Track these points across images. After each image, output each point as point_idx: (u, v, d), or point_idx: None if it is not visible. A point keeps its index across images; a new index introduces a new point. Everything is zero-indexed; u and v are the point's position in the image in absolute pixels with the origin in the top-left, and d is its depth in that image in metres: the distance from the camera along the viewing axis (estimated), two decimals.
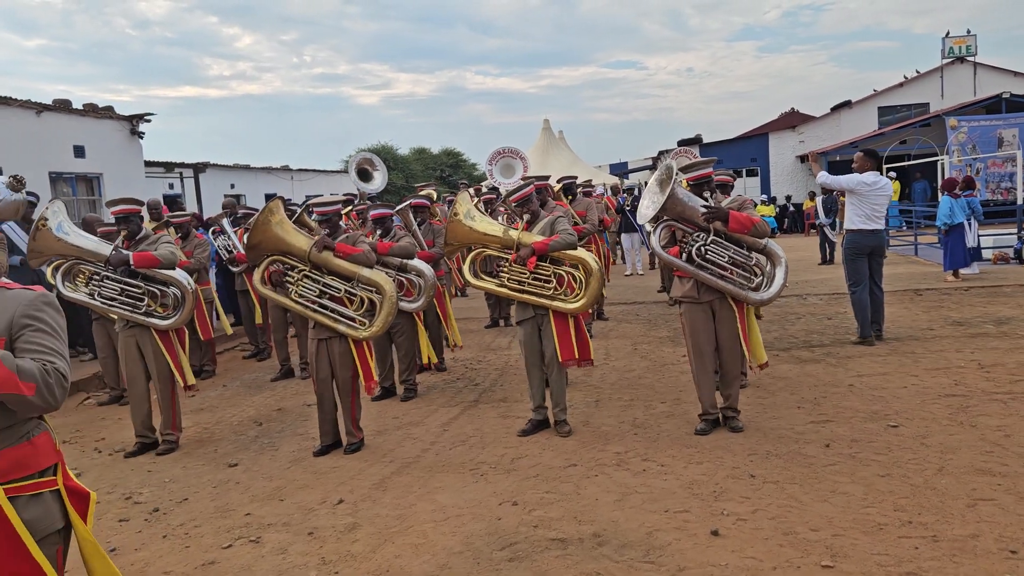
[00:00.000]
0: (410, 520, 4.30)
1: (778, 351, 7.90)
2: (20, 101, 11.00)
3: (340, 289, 5.43)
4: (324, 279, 5.45)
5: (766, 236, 5.34)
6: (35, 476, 2.24)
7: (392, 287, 5.49)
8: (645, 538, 3.85)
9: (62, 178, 11.89)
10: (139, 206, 6.01)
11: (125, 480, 5.37)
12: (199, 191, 17.28)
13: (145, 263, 5.72)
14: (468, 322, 11.00)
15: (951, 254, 11.91)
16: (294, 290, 5.48)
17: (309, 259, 5.42)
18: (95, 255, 5.81)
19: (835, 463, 4.69)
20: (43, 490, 2.24)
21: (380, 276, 5.50)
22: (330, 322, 5.44)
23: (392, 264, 6.78)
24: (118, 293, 5.80)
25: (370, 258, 5.49)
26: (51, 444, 2.33)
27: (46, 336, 2.21)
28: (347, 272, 5.44)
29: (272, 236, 5.39)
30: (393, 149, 38.44)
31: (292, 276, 5.51)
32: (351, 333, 5.42)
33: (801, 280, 13.27)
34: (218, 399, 7.65)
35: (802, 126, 29.73)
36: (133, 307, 5.80)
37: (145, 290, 5.81)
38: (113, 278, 5.81)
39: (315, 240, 5.43)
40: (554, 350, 5.49)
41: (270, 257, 5.52)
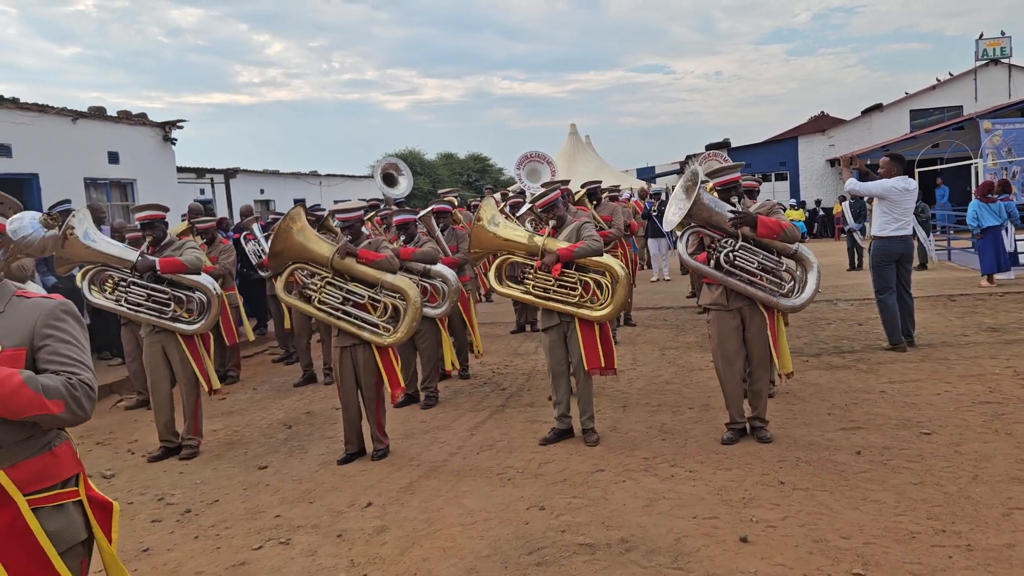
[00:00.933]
0: (438, 523, 4.31)
1: (808, 357, 7.83)
2: (56, 109, 11.22)
3: (363, 295, 5.42)
4: (347, 286, 5.43)
5: (796, 241, 5.24)
6: (57, 487, 2.21)
7: (416, 292, 5.46)
8: (673, 544, 3.84)
9: (96, 184, 12.11)
10: (164, 212, 6.06)
11: (157, 481, 5.44)
12: (230, 196, 17.50)
13: (172, 269, 5.77)
14: (494, 327, 11.03)
15: (986, 258, 11.72)
16: (317, 297, 5.46)
17: (332, 266, 5.40)
18: (121, 261, 5.86)
19: (866, 470, 4.63)
20: (66, 501, 2.21)
21: (404, 281, 5.47)
22: (354, 329, 5.40)
23: (415, 270, 6.77)
24: (144, 299, 5.85)
25: (393, 264, 5.46)
26: (72, 454, 2.30)
27: (69, 347, 2.19)
28: (370, 278, 5.41)
29: (294, 243, 5.40)
30: (420, 154, 38.65)
31: (315, 283, 5.49)
32: (375, 340, 5.38)
33: (831, 285, 13.14)
34: (248, 402, 7.73)
35: (832, 130, 29.44)
36: (159, 312, 5.84)
37: (171, 295, 5.85)
38: (140, 284, 5.85)
39: (337, 246, 5.43)
40: (580, 358, 5.43)
41: (292, 264, 5.53)
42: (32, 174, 10.66)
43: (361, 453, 5.63)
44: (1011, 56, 27.51)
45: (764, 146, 30.47)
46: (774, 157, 29.23)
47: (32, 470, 2.14)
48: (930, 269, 14.41)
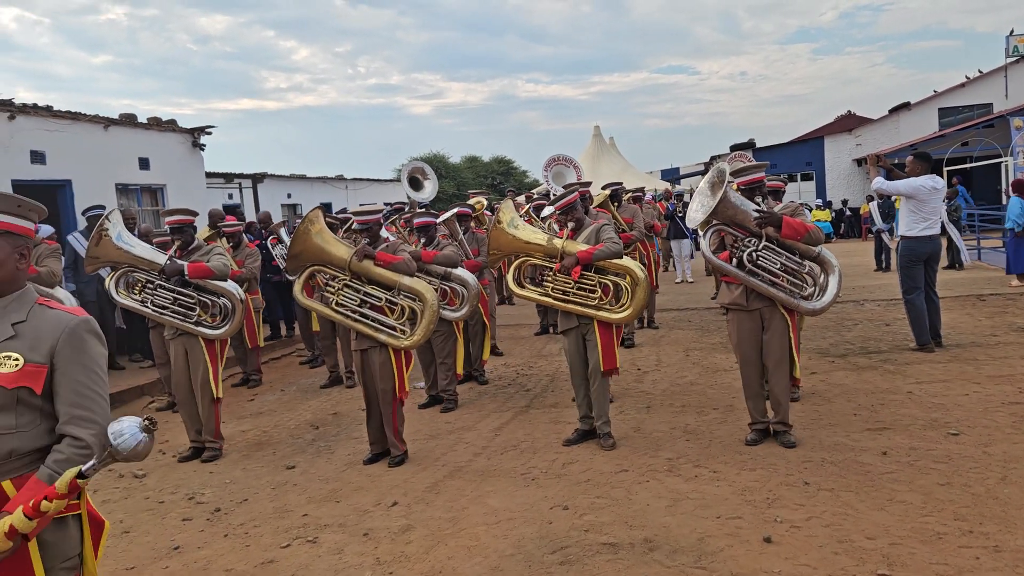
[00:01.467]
0: (462, 523, 4.36)
1: (834, 357, 7.78)
2: (89, 116, 11.44)
3: (381, 298, 5.41)
4: (365, 288, 5.43)
5: (820, 243, 5.17)
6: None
7: (433, 295, 5.47)
8: (697, 544, 3.84)
9: (128, 189, 12.32)
10: (193, 216, 6.13)
11: (188, 481, 5.54)
12: (257, 201, 17.72)
13: (199, 274, 5.84)
14: (518, 328, 11.07)
15: (1018, 257, 11.55)
16: (335, 299, 5.48)
17: (349, 268, 5.40)
18: (151, 264, 5.94)
19: (892, 471, 4.61)
20: (67, 514, 2.20)
21: (421, 284, 5.48)
22: (371, 331, 5.41)
23: (436, 272, 6.77)
24: (171, 302, 5.92)
25: (410, 266, 5.46)
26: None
27: (87, 373, 2.19)
28: (388, 281, 5.41)
29: (313, 246, 5.42)
30: (445, 158, 38.89)
31: (333, 286, 5.51)
32: (392, 342, 5.38)
33: (858, 286, 13.02)
34: (276, 403, 7.83)
35: (859, 129, 29.15)
36: (184, 316, 5.91)
37: (197, 300, 5.92)
38: (166, 287, 5.93)
39: (355, 249, 5.44)
40: (598, 360, 5.42)
41: (311, 266, 5.56)
42: (65, 180, 10.87)
43: (387, 453, 5.65)
44: None
45: (790, 146, 30.24)
46: (800, 157, 29.00)
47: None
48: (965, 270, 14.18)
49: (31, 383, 2.12)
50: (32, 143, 10.41)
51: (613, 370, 5.47)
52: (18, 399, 2.12)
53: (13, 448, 2.12)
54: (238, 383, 8.73)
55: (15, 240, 2.25)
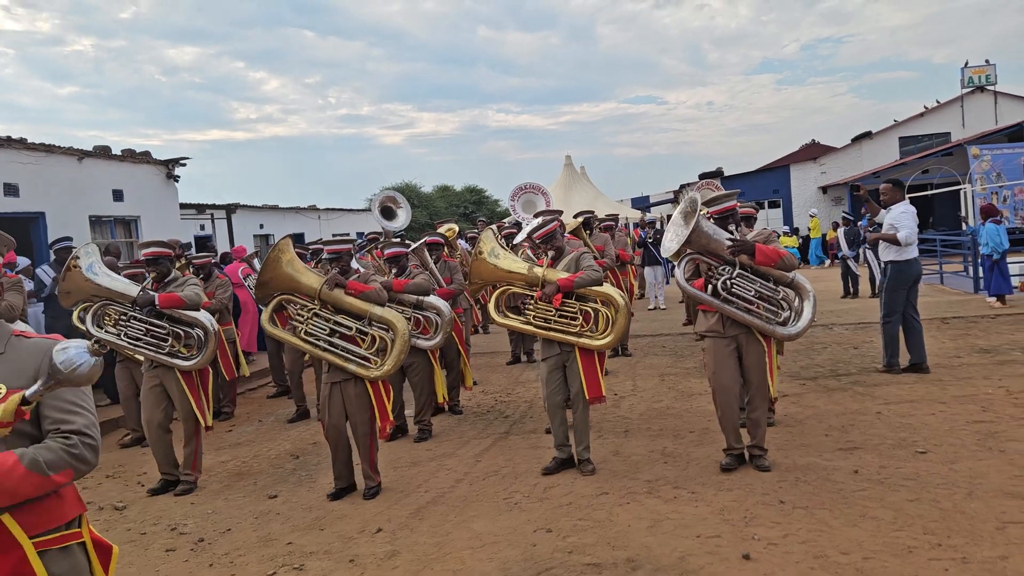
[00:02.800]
0: (447, 547, 4.42)
1: (805, 380, 7.96)
2: (63, 148, 11.42)
3: (351, 327, 5.38)
4: (335, 317, 5.41)
5: (793, 269, 5.25)
6: (62, 528, 2.20)
7: (404, 325, 5.46)
8: (678, 562, 3.95)
9: (102, 221, 12.28)
10: (170, 249, 6.14)
11: (169, 512, 5.53)
12: (231, 231, 17.69)
13: (170, 304, 5.82)
14: (494, 356, 11.15)
15: (1000, 280, 11.86)
16: (303, 328, 5.45)
17: (320, 297, 5.39)
18: (123, 296, 5.91)
19: (864, 488, 4.75)
20: (71, 543, 2.21)
21: (391, 314, 5.47)
22: (341, 361, 5.37)
23: (408, 301, 6.76)
24: (143, 333, 5.87)
25: (381, 296, 5.45)
26: (76, 495, 2.29)
27: (71, 391, 2.17)
28: (358, 310, 5.40)
29: (282, 274, 5.42)
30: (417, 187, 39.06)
31: (302, 315, 5.48)
32: (362, 372, 5.34)
33: (827, 310, 13.28)
34: (254, 434, 7.83)
35: (823, 157, 29.84)
36: (157, 347, 5.87)
37: (170, 331, 5.87)
38: (139, 318, 5.89)
39: (326, 278, 5.43)
40: (580, 387, 5.45)
41: (279, 295, 5.55)
42: (39, 213, 10.82)
43: (352, 488, 5.59)
44: (996, 83, 28.01)
45: (757, 174, 30.85)
46: (767, 185, 29.58)
47: (39, 512, 2.13)
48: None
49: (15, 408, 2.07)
50: (5, 175, 10.37)
51: (598, 398, 5.48)
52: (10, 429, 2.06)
53: None
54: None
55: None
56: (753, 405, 5.34)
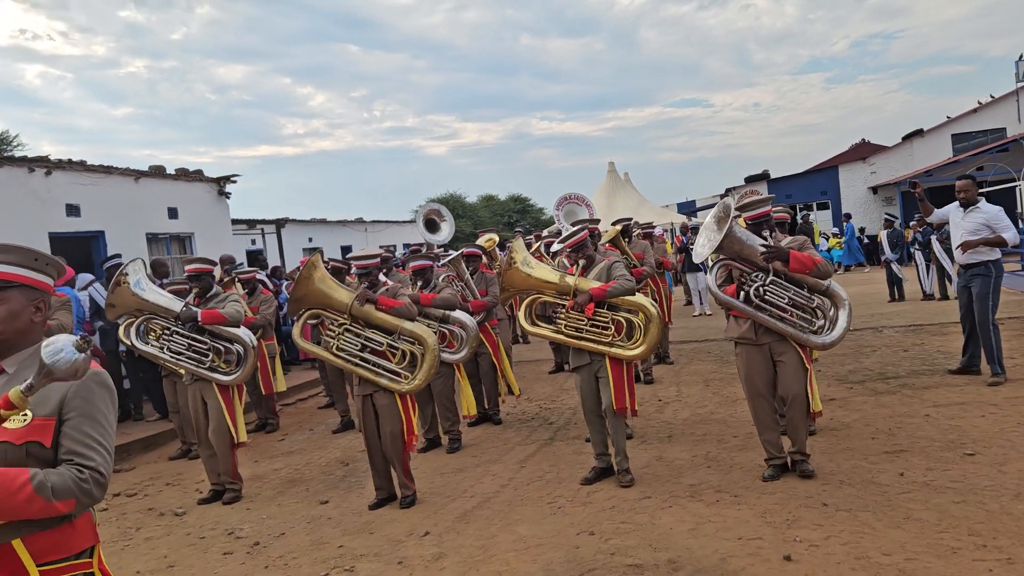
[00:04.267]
0: (493, 550, 4.53)
1: (852, 384, 7.89)
2: (120, 169, 11.88)
3: (382, 342, 5.44)
4: (365, 332, 5.48)
5: (828, 277, 5.16)
6: (71, 558, 2.18)
7: (434, 339, 5.50)
8: (719, 564, 3.99)
9: (158, 238, 12.72)
10: (212, 265, 6.31)
11: (226, 518, 5.75)
12: (281, 245, 18.12)
13: (212, 320, 5.98)
14: (538, 364, 11.24)
15: None
16: (335, 344, 5.51)
17: (351, 312, 5.45)
18: (167, 311, 6.11)
19: (909, 491, 4.73)
20: (78, 572, 2.18)
21: (422, 329, 5.51)
22: (371, 375, 5.43)
23: (434, 316, 6.77)
24: (185, 348, 6.05)
25: (412, 311, 5.51)
26: (91, 525, 2.27)
27: (93, 424, 2.16)
28: (388, 325, 5.46)
29: (314, 290, 5.48)
30: (462, 197, 39.43)
31: (333, 330, 5.54)
32: (393, 387, 5.40)
33: (876, 313, 13.11)
34: (306, 442, 8.05)
35: (873, 157, 29.30)
36: (198, 362, 6.03)
37: (211, 346, 6.04)
38: (182, 333, 6.06)
39: (357, 293, 5.48)
40: (610, 398, 5.39)
41: (310, 310, 5.63)
42: (99, 231, 11.28)
43: (393, 497, 5.67)
44: None
45: (804, 176, 30.44)
46: (815, 186, 29.18)
47: (48, 541, 2.12)
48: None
49: (40, 437, 2.10)
50: (67, 197, 10.84)
51: (624, 410, 5.42)
52: (28, 453, 2.10)
53: None
54: (253, 429, 8.76)
55: (31, 294, 2.26)
56: (792, 412, 5.21)
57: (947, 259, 13.24)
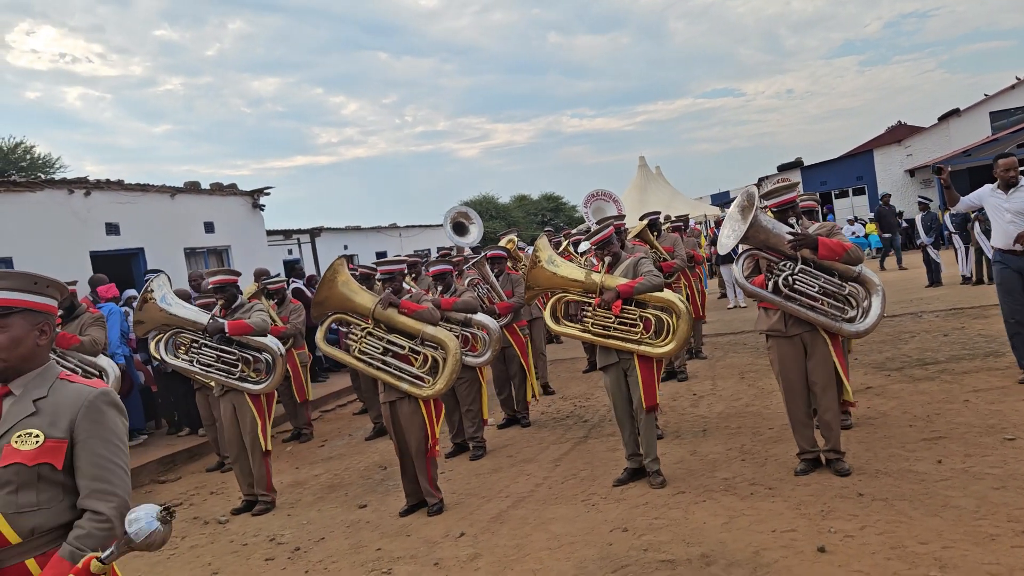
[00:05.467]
0: (527, 549, 4.57)
1: (890, 371, 7.78)
2: (156, 187, 12.17)
3: (404, 347, 5.44)
4: (388, 336, 5.49)
5: (860, 262, 5.01)
6: None
7: (456, 344, 5.47)
8: (752, 557, 3.99)
9: (195, 253, 12.99)
10: (235, 276, 6.33)
11: (268, 524, 5.87)
12: (316, 254, 18.36)
13: (239, 331, 6.03)
14: (573, 362, 11.25)
15: None
16: (357, 347, 5.52)
17: (373, 316, 5.46)
18: (194, 324, 6.17)
19: (947, 478, 4.67)
20: None
21: (444, 333, 5.50)
22: (393, 380, 5.42)
23: (456, 319, 6.73)
24: (214, 360, 6.11)
25: (434, 315, 5.50)
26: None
27: (106, 445, 2.18)
28: (411, 329, 5.46)
29: (337, 294, 5.51)
30: (494, 198, 39.45)
31: (355, 334, 5.55)
32: (414, 391, 5.38)
33: (915, 298, 12.89)
34: (345, 448, 8.17)
35: (909, 139, 28.75)
36: (228, 373, 6.09)
37: (239, 356, 6.09)
38: (210, 345, 6.12)
39: (380, 297, 5.50)
40: (640, 397, 5.32)
41: (333, 314, 5.66)
42: (138, 248, 11.56)
43: (423, 505, 5.65)
44: None
45: (839, 162, 29.99)
46: (850, 172, 28.74)
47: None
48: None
49: (52, 459, 2.12)
50: (107, 216, 11.12)
51: (654, 407, 5.40)
52: (39, 475, 2.12)
53: (36, 525, 2.12)
54: (288, 438, 8.88)
55: (34, 317, 2.27)
56: (824, 407, 5.10)
57: (986, 242, 12.92)
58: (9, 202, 9.76)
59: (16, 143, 26.74)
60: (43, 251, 9.72)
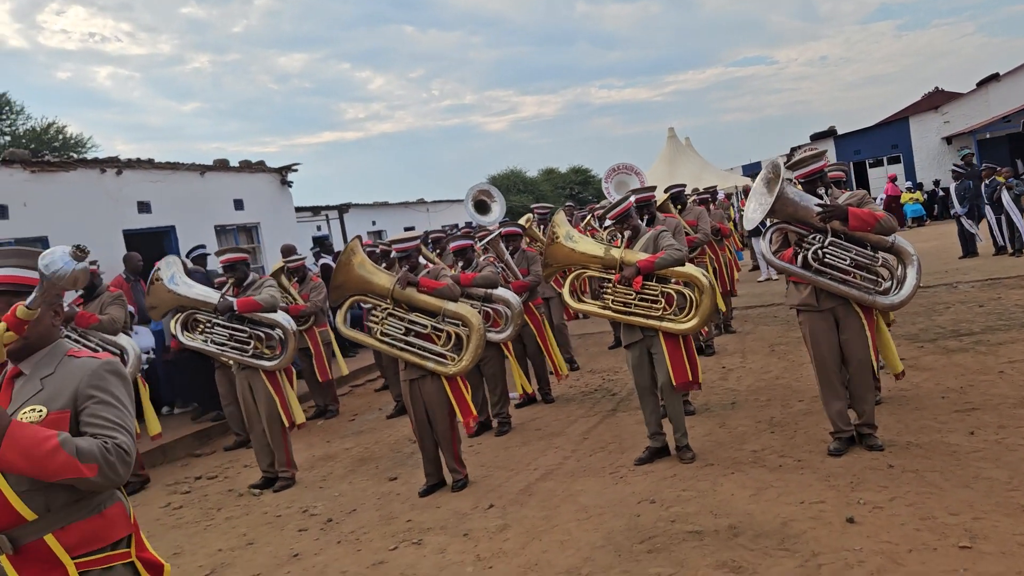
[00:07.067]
0: (555, 520, 4.61)
1: (923, 342, 7.68)
2: (186, 165, 12.27)
3: (426, 325, 5.38)
4: (409, 316, 5.42)
5: (893, 232, 4.81)
6: (107, 549, 2.22)
7: (479, 319, 5.42)
8: (780, 528, 3.99)
9: (226, 230, 13.11)
10: (245, 255, 6.34)
11: (301, 496, 5.98)
12: (344, 230, 18.47)
13: (248, 308, 6.03)
14: (603, 336, 11.23)
15: None
16: (379, 329, 5.47)
17: (392, 296, 5.40)
18: (205, 304, 6.19)
19: (979, 449, 4.62)
20: (115, 563, 2.22)
21: (466, 309, 5.44)
22: (417, 359, 5.37)
23: (476, 295, 6.65)
24: (227, 338, 6.13)
25: (454, 291, 5.43)
26: (124, 515, 2.30)
27: (109, 408, 2.19)
28: (432, 307, 5.40)
29: (355, 276, 5.44)
30: (522, 172, 39.34)
31: (376, 315, 5.49)
32: (440, 369, 5.33)
33: (951, 268, 12.67)
34: (375, 422, 8.27)
35: (945, 106, 28.06)
36: (241, 350, 6.11)
37: (251, 333, 6.09)
38: (222, 324, 6.14)
39: (398, 276, 5.42)
40: (667, 374, 5.24)
41: (352, 296, 5.60)
42: (170, 226, 11.70)
43: (442, 484, 5.61)
44: None
45: (873, 130, 29.37)
46: (885, 140, 28.16)
47: (81, 533, 2.16)
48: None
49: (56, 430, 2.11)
50: (138, 194, 11.25)
51: (688, 384, 5.28)
52: None
53: (48, 501, 2.14)
54: (313, 415, 8.84)
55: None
56: (855, 382, 4.98)
57: (1016, 211, 12.68)
58: (43, 182, 9.92)
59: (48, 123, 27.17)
60: (77, 230, 9.87)
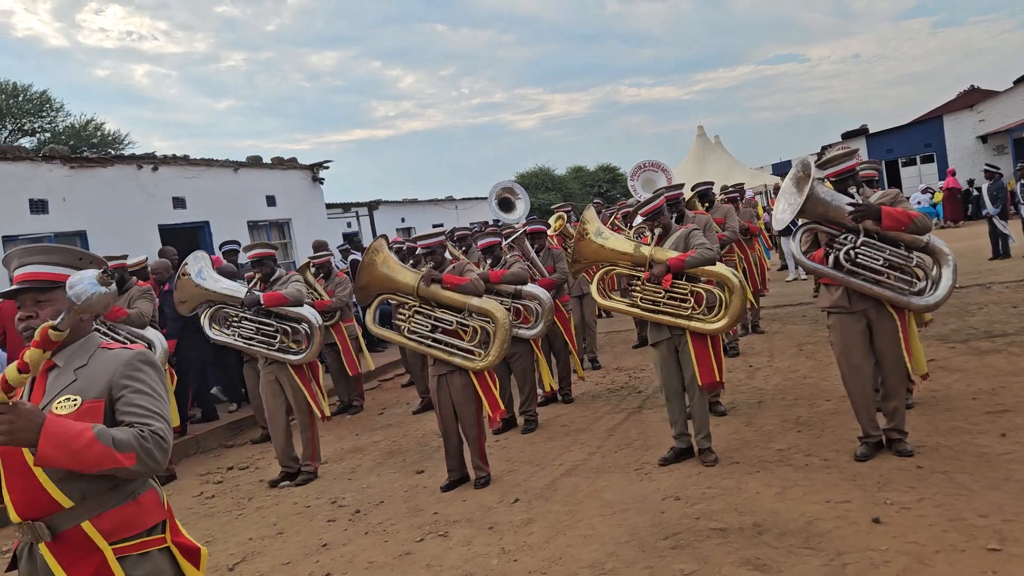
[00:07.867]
0: (580, 515, 4.65)
1: (955, 343, 7.60)
2: (220, 161, 12.49)
3: (452, 321, 5.41)
4: (435, 313, 5.46)
5: (927, 231, 4.68)
6: (143, 535, 2.26)
7: (504, 314, 5.42)
8: (805, 526, 3.99)
9: (258, 225, 13.32)
10: (272, 250, 6.42)
11: (330, 488, 6.07)
12: (374, 227, 18.64)
13: (274, 302, 6.08)
14: (629, 333, 11.22)
15: None
16: (406, 327, 5.50)
17: (417, 293, 5.44)
18: (233, 298, 6.29)
19: (1010, 451, 4.58)
20: (151, 548, 2.26)
21: (491, 304, 5.46)
22: (445, 355, 5.39)
23: (506, 292, 6.64)
24: (254, 332, 6.21)
25: (478, 287, 5.44)
26: (157, 501, 2.34)
27: (144, 396, 2.22)
28: (457, 303, 5.42)
29: (379, 275, 5.48)
30: (551, 170, 39.28)
31: (403, 313, 5.53)
32: (467, 365, 5.36)
33: (984, 268, 12.49)
34: (403, 416, 8.35)
35: (981, 104, 27.56)
36: (268, 344, 6.18)
37: (278, 327, 6.16)
38: (249, 318, 6.22)
39: (422, 274, 5.46)
40: (693, 374, 5.20)
41: (379, 296, 5.63)
42: (204, 221, 11.92)
43: (464, 479, 5.64)
44: None
45: (906, 128, 28.95)
46: (918, 139, 27.75)
47: (117, 519, 2.21)
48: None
49: (90, 420, 2.14)
50: (173, 190, 11.48)
51: (714, 384, 5.26)
52: None
53: (84, 489, 2.18)
54: (337, 411, 8.83)
55: None
56: (888, 387, 4.88)
57: None
58: (82, 177, 10.15)
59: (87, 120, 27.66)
60: (114, 225, 10.10)
